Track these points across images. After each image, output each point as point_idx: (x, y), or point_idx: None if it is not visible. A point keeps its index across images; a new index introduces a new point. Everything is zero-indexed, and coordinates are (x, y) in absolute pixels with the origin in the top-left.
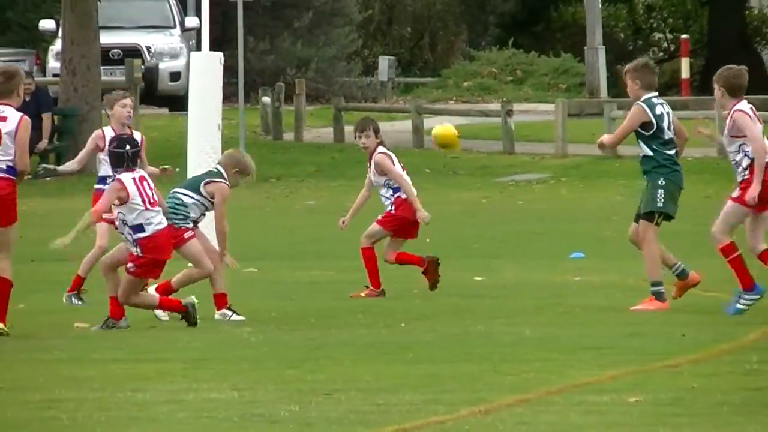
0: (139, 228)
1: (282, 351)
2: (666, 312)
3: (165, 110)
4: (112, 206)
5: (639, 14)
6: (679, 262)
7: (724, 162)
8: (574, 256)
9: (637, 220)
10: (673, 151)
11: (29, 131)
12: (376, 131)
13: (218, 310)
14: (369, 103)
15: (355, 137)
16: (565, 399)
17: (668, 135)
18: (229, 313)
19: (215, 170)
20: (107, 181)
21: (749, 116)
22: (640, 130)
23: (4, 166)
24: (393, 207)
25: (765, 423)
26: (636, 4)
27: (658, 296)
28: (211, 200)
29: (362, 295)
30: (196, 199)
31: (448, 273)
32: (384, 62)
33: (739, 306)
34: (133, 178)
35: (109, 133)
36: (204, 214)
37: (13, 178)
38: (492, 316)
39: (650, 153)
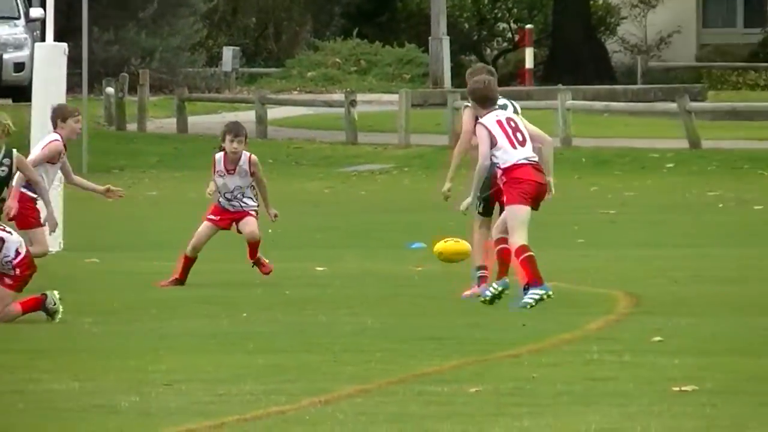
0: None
1: (123, 342)
2: (505, 303)
3: (9, 101)
4: None
5: (484, 4)
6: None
7: (567, 152)
8: (414, 246)
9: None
10: None
11: None
12: (246, 138)
13: None
14: (213, 94)
15: (229, 140)
16: (406, 389)
17: None
18: None
19: None
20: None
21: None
22: None
23: None
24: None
25: (605, 412)
26: None
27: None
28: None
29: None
30: None
31: (290, 263)
32: (228, 52)
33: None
34: None
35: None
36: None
37: None
38: (334, 307)
39: None
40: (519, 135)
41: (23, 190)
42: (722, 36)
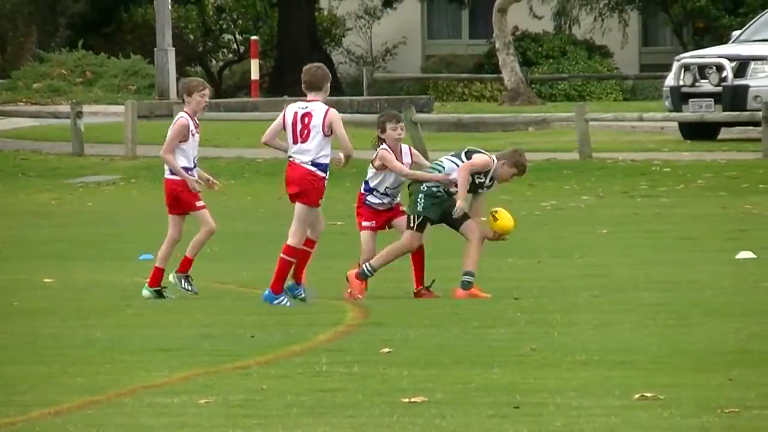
0: None
1: None
2: (237, 313)
3: None
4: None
5: (209, 15)
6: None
7: None
8: (143, 258)
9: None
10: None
11: None
12: None
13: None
14: None
15: (392, 128)
16: (136, 400)
17: None
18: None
19: None
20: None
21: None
22: None
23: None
24: None
25: (334, 424)
26: (206, 5)
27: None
28: None
29: None
30: None
31: (18, 275)
32: None
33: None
34: None
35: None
36: None
37: None
38: (63, 318)
39: None
40: None
41: (169, 176)
42: (448, 47)
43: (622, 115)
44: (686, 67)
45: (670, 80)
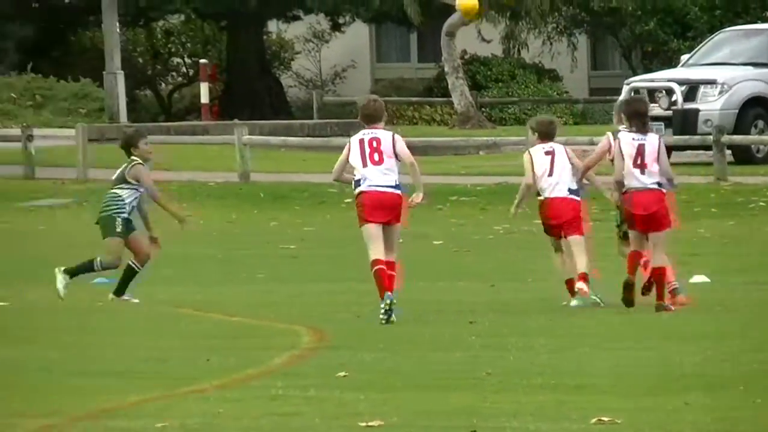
0: None
1: None
2: (192, 337)
3: None
4: None
5: (158, 39)
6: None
7: (247, 186)
8: (99, 282)
9: None
10: None
11: None
12: None
13: None
14: None
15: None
16: (93, 424)
17: None
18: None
19: None
20: None
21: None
22: None
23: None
24: None
25: None
26: (154, 28)
27: None
28: None
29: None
30: None
31: None
32: None
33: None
34: None
35: None
36: None
37: None
38: (17, 342)
39: None
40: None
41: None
42: (397, 70)
43: (573, 138)
44: (636, 91)
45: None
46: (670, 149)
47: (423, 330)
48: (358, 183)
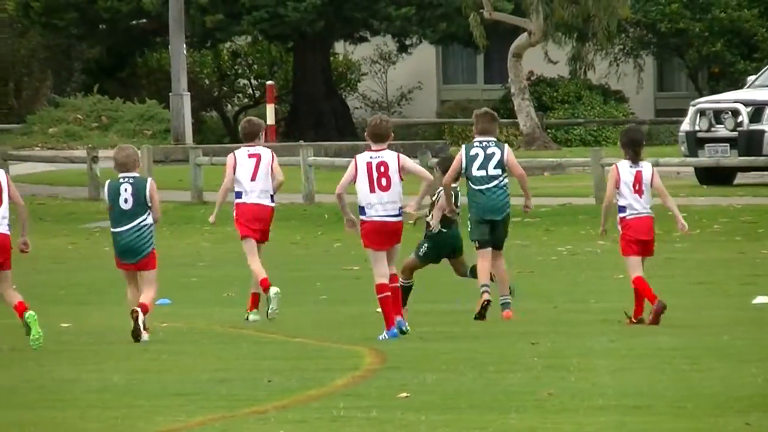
0: None
1: None
2: (253, 358)
3: None
4: None
5: (224, 60)
6: None
7: (311, 208)
8: (159, 302)
9: None
10: (479, 186)
11: None
12: None
13: None
14: None
15: None
16: None
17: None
18: None
19: None
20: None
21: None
22: None
23: None
24: None
25: None
26: (221, 50)
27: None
28: None
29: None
30: None
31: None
32: None
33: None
34: None
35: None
36: None
37: None
38: (79, 363)
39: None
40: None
41: None
42: (463, 92)
43: None
44: (702, 112)
45: (685, 125)
46: (735, 170)
47: (485, 350)
48: (363, 210)
